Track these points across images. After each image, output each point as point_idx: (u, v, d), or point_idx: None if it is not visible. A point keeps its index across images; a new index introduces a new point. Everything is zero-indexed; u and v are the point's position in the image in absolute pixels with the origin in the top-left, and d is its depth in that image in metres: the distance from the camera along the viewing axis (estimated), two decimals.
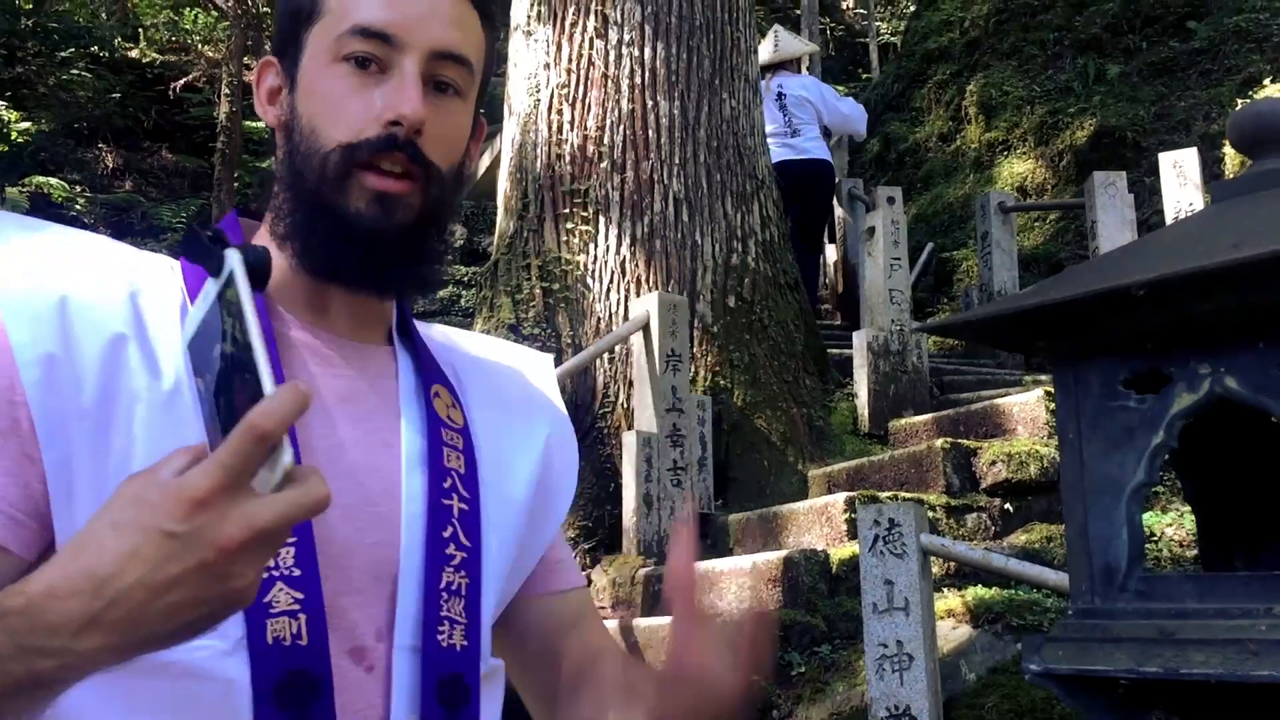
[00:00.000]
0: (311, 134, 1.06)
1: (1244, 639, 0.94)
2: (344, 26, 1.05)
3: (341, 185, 1.04)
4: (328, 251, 1.06)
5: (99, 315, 0.97)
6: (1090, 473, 1.09)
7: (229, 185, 9.36)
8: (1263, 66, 9.73)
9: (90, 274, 1.00)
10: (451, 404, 1.15)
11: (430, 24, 1.06)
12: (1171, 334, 1.04)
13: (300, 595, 0.97)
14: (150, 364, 0.98)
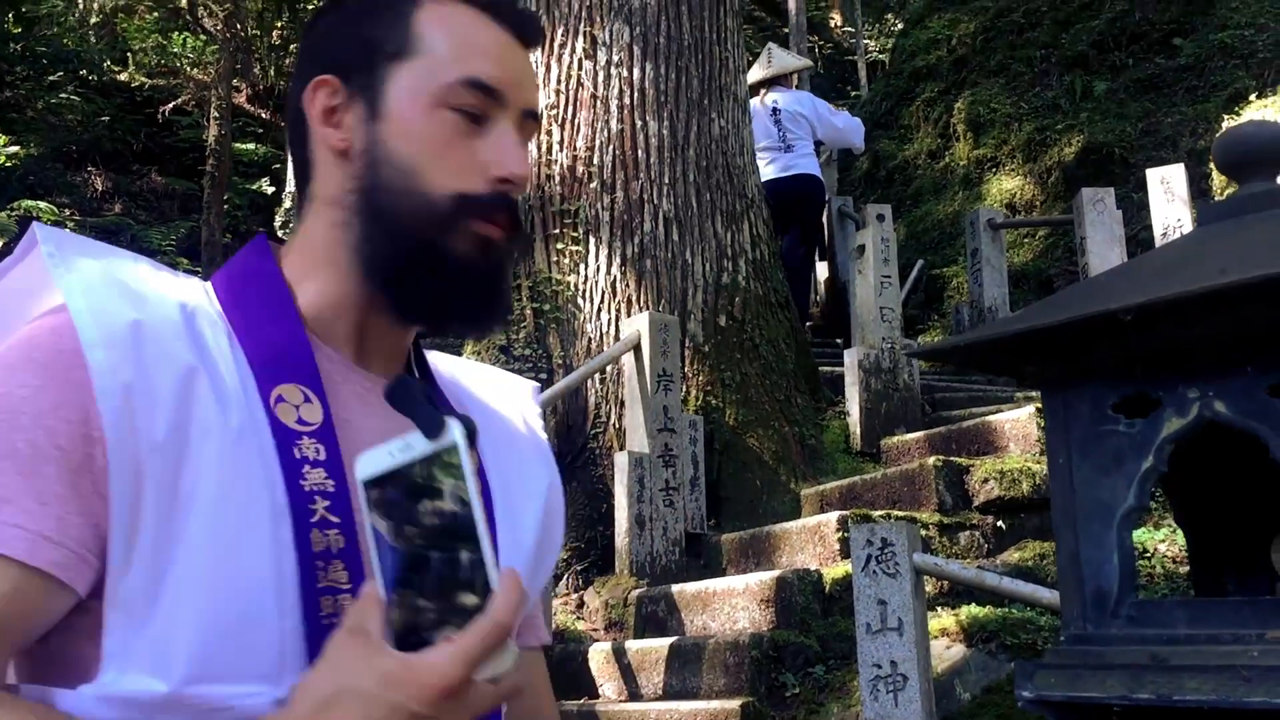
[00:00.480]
0: (413, 175, 1.06)
1: (1237, 665, 0.93)
2: (454, 75, 1.07)
3: (452, 230, 1.06)
4: (430, 291, 1.06)
5: (170, 343, 0.96)
6: (1080, 497, 1.08)
7: (218, 208, 9.35)
8: (1248, 82, 9.79)
9: (155, 299, 0.98)
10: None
11: (525, 85, 1.11)
12: (1160, 358, 1.04)
13: None
14: (220, 397, 0.96)
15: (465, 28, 1.10)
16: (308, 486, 0.96)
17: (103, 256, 1.00)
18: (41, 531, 0.88)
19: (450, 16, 1.10)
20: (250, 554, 0.93)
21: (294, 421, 0.98)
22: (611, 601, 5.13)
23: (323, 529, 0.96)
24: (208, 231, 9.20)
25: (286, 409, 0.99)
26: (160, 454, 0.91)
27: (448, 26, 1.10)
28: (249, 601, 0.93)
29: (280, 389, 0.99)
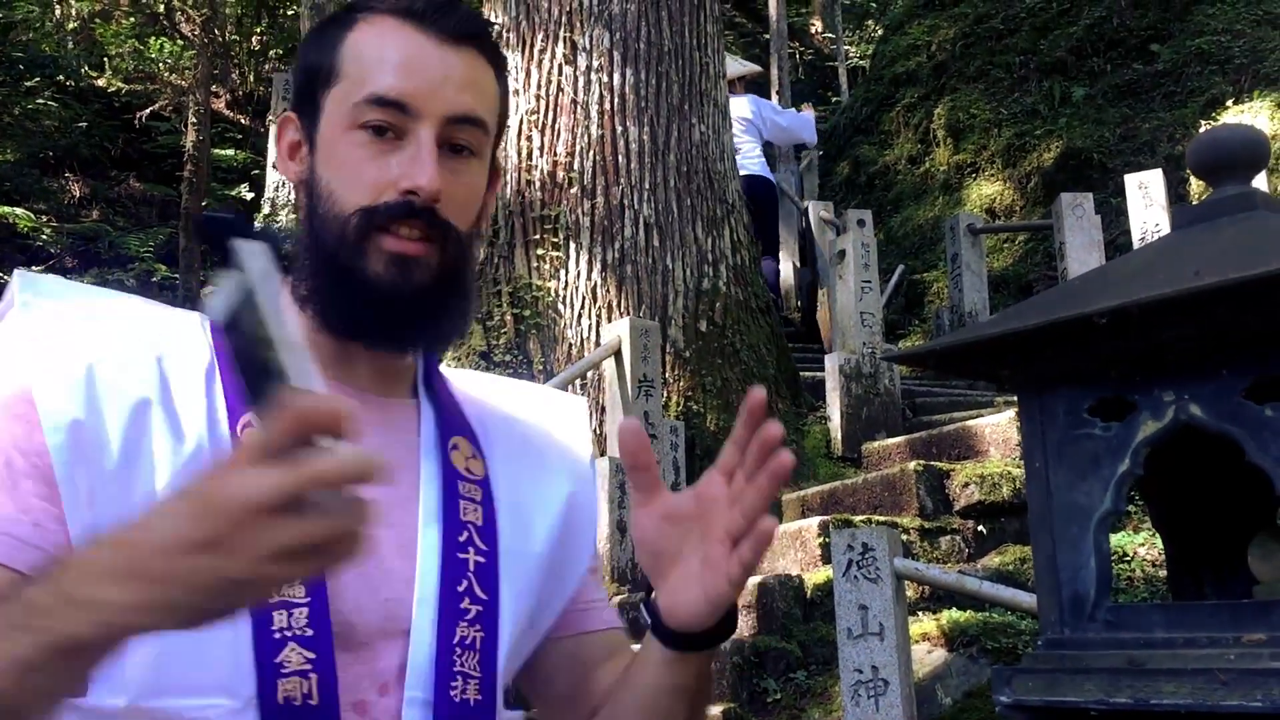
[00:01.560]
0: (330, 198, 1.08)
1: (1213, 669, 0.93)
2: (361, 95, 1.07)
3: (360, 248, 1.06)
4: (348, 313, 1.08)
5: (124, 380, 1.00)
6: (1057, 502, 1.08)
7: (197, 214, 9.31)
8: (1225, 88, 9.86)
9: (118, 340, 1.02)
10: (471, 455, 1.15)
11: (445, 90, 1.08)
12: (1135, 362, 1.04)
13: (312, 655, 0.98)
14: (173, 426, 1.00)
15: (377, 43, 1.09)
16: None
17: (75, 298, 1.04)
18: (18, 536, 0.94)
19: (371, 34, 1.10)
20: None
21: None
22: None
23: None
24: (185, 238, 9.15)
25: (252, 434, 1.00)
26: (114, 481, 0.97)
27: (366, 44, 1.10)
28: None
29: (249, 415, 1.02)
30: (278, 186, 10.20)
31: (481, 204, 1.16)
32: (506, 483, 1.16)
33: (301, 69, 1.14)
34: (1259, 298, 0.93)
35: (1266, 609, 0.95)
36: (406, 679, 1.03)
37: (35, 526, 0.95)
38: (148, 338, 1.04)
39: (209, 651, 0.95)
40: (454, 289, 1.11)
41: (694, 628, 1.05)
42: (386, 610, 1.04)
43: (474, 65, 1.12)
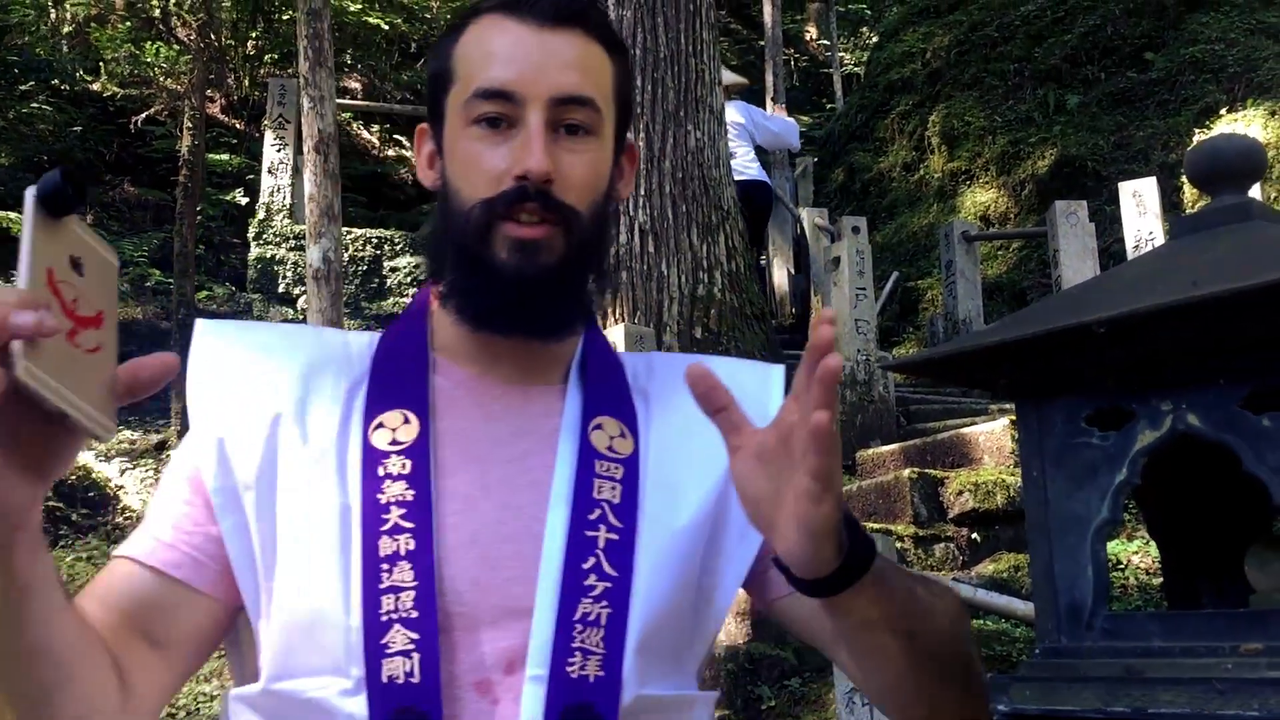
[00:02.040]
0: (456, 196, 1.14)
1: (1211, 678, 0.93)
2: (469, 91, 1.12)
3: (485, 237, 1.11)
4: (479, 302, 1.14)
5: (266, 399, 1.12)
6: (1054, 511, 1.08)
7: (191, 219, 9.29)
8: (1219, 97, 9.90)
9: (270, 365, 1.15)
10: (619, 434, 1.17)
11: (547, 74, 1.11)
12: (1133, 371, 1.04)
13: (415, 636, 1.04)
14: (303, 436, 1.11)
15: (481, 40, 1.14)
16: (384, 499, 1.08)
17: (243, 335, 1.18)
18: (159, 538, 1.10)
19: (476, 33, 1.15)
20: (319, 562, 1.07)
21: (386, 443, 1.10)
22: None
23: (393, 534, 1.06)
24: (180, 243, 9.13)
25: (382, 433, 1.11)
26: (251, 491, 1.09)
27: (470, 44, 1.15)
28: (318, 603, 1.05)
29: (382, 416, 1.12)
30: (272, 191, 10.19)
31: (609, 183, 1.18)
32: (661, 457, 1.18)
33: (427, 80, 1.21)
34: (1256, 308, 0.93)
35: (1263, 618, 0.95)
36: (529, 656, 1.06)
37: (189, 534, 1.10)
38: (301, 359, 1.15)
39: (324, 636, 1.04)
40: (581, 271, 1.15)
41: (821, 569, 0.97)
42: (507, 589, 1.08)
43: (579, 46, 1.15)
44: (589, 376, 1.21)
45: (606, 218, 1.19)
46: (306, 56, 5.00)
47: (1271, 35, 10.26)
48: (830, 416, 0.88)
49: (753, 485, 0.97)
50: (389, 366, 1.16)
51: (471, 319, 1.15)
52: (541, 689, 1.05)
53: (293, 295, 10.02)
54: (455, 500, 1.11)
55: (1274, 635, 0.93)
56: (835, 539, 0.96)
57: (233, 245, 11.67)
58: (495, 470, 1.14)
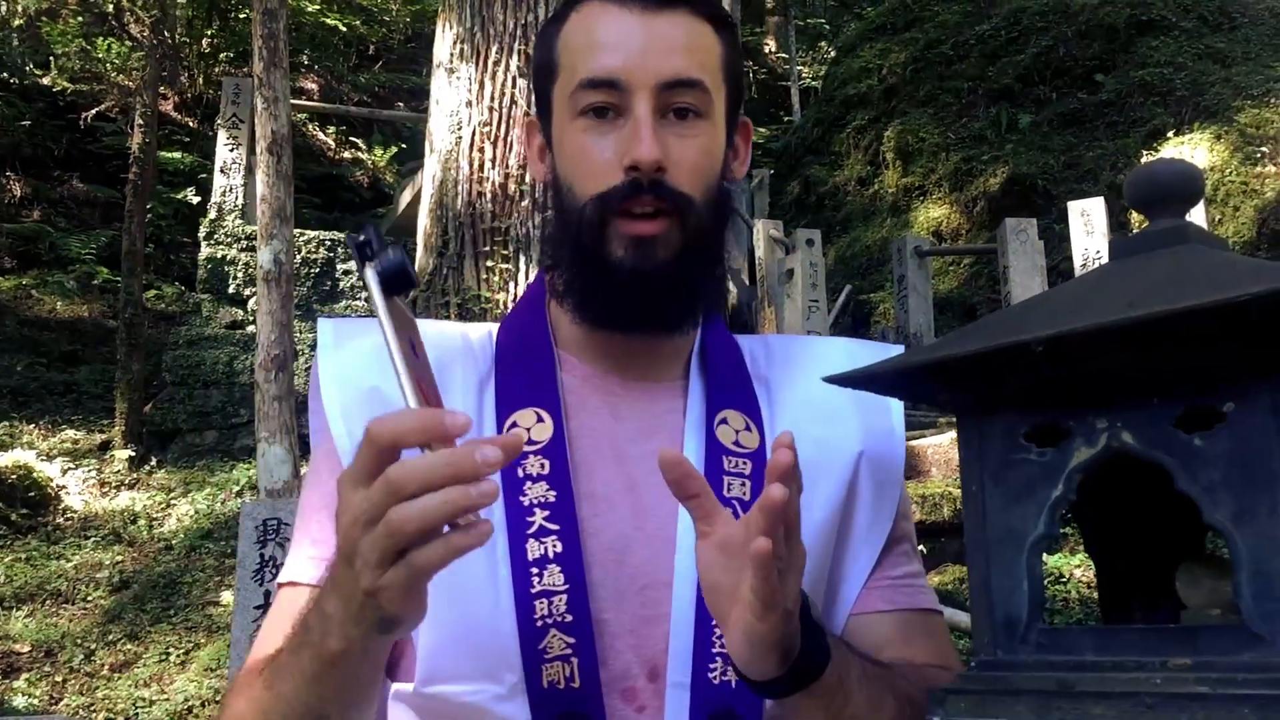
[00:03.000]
0: (569, 191, 1.11)
1: (1140, 692, 0.95)
2: (575, 82, 1.09)
3: (600, 235, 1.08)
4: (598, 300, 1.11)
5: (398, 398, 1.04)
6: (992, 525, 1.10)
7: (141, 216, 9.17)
8: (1166, 120, 10.09)
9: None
10: (744, 427, 1.15)
11: (652, 59, 1.08)
12: (1070, 389, 1.06)
13: (572, 640, 1.02)
14: None
15: (584, 29, 1.11)
16: (527, 501, 1.05)
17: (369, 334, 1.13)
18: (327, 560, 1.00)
19: (579, 22, 1.12)
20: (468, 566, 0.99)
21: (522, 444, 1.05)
22: None
23: (540, 538, 1.04)
24: (129, 240, 9.01)
25: (517, 432, 1.08)
26: None
27: (574, 34, 1.12)
28: (468, 609, 1.02)
29: (516, 415, 1.09)
30: (224, 191, 10.08)
31: (723, 164, 1.15)
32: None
33: (533, 73, 1.19)
34: (1189, 330, 0.95)
35: (1192, 634, 0.97)
36: (669, 663, 1.05)
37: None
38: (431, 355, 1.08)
39: (476, 641, 1.02)
40: (701, 261, 1.12)
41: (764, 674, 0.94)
42: (646, 596, 1.06)
43: (684, 26, 1.11)
44: (710, 368, 1.18)
45: (722, 201, 1.15)
46: (261, 56, 4.96)
47: (1219, 60, 10.47)
48: (768, 546, 0.85)
49: (710, 574, 0.95)
50: (516, 363, 1.13)
51: (591, 318, 1.12)
52: (685, 696, 1.04)
53: (243, 296, 9.92)
54: (592, 502, 1.09)
55: (1202, 650, 0.95)
56: (779, 650, 0.93)
57: (183, 244, 11.55)
58: (628, 471, 1.11)
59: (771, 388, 1.20)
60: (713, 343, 1.21)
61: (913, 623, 1.20)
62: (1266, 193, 9.07)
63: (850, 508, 1.17)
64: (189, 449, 9.21)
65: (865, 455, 1.19)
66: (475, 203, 6.55)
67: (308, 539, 1.10)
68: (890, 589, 1.20)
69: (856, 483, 1.18)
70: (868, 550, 1.18)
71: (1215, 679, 0.91)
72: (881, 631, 1.17)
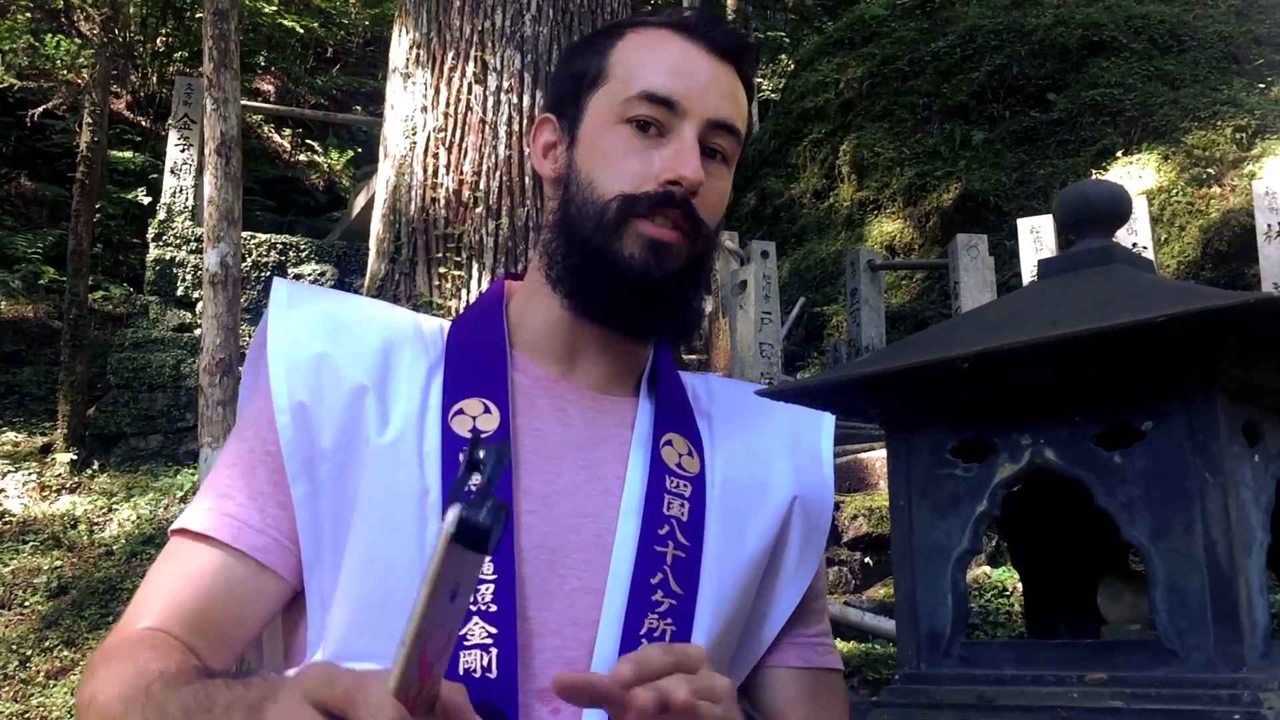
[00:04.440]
0: (590, 186, 1.13)
1: (1057, 706, 0.96)
2: (632, 91, 1.13)
3: (617, 232, 1.11)
4: (601, 294, 1.13)
5: (348, 369, 1.10)
6: (918, 539, 1.11)
7: (88, 216, 9.04)
8: (1116, 139, 10.25)
9: (350, 334, 1.12)
10: (687, 452, 1.18)
11: (710, 95, 1.15)
12: (996, 405, 1.07)
13: (494, 630, 1.01)
14: (382, 414, 1.08)
15: (650, 48, 1.16)
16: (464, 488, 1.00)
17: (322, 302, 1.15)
18: (246, 520, 1.07)
19: (643, 41, 1.17)
20: (395, 544, 1.04)
21: (466, 431, 1.08)
22: None
23: None
24: (75, 240, 8.88)
25: (463, 420, 1.09)
26: (328, 461, 1.07)
27: (635, 50, 1.17)
28: (392, 587, 1.02)
29: (462, 403, 1.10)
30: (174, 192, 9.97)
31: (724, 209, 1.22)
32: (725, 483, 1.19)
33: (566, 75, 1.21)
34: (1110, 348, 0.96)
35: (1109, 649, 0.98)
36: (592, 669, 1.04)
37: (261, 513, 1.08)
38: (380, 333, 1.13)
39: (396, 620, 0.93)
40: (698, 283, 1.17)
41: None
42: (574, 600, 1.07)
43: (733, 80, 1.19)
44: (659, 391, 1.22)
45: (716, 243, 1.23)
46: (211, 57, 4.91)
47: (1168, 82, 10.65)
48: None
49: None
50: (467, 354, 1.15)
51: (588, 310, 1.15)
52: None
53: (191, 299, 9.81)
54: (530, 499, 1.10)
55: (1119, 665, 0.96)
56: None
57: (132, 245, 11.40)
58: (570, 474, 1.13)
59: (713, 423, 1.24)
60: (663, 367, 1.25)
61: (822, 683, 1.25)
62: (1212, 213, 9.23)
63: (780, 549, 1.21)
64: (132, 453, 9.07)
65: (799, 500, 1.24)
66: (429, 209, 6.52)
67: (214, 491, 1.10)
68: (806, 648, 1.25)
69: (789, 526, 1.22)
70: (791, 593, 1.22)
71: (1130, 694, 0.92)
72: (794, 688, 1.23)
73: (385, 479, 1.06)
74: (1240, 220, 8.74)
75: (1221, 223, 9.09)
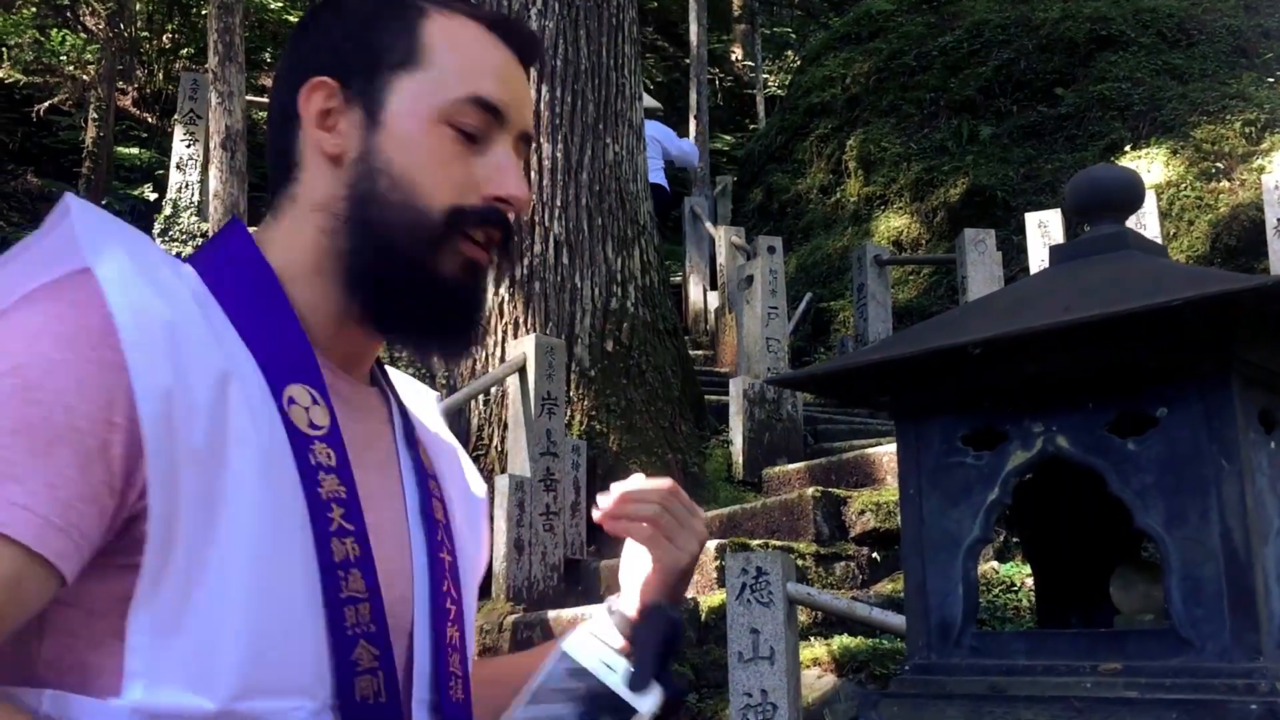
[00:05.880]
0: (409, 187, 1.03)
1: (1070, 696, 0.95)
2: (461, 92, 1.05)
3: (436, 246, 1.03)
4: (410, 312, 1.04)
5: (201, 346, 0.91)
6: (929, 528, 1.09)
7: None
8: (1124, 133, 10.19)
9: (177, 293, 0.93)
10: (424, 452, 1.14)
11: (525, 107, 1.10)
12: (1007, 392, 1.06)
13: (377, 652, 0.96)
14: (251, 404, 0.92)
15: (474, 45, 1.09)
16: (324, 494, 0.94)
17: (127, 239, 0.94)
18: (49, 517, 0.82)
19: (459, 32, 1.09)
20: (288, 566, 0.91)
21: (306, 425, 0.96)
22: (486, 626, 5.07)
23: (340, 537, 0.94)
24: None
25: (298, 411, 0.96)
26: (197, 462, 0.88)
27: (457, 41, 1.08)
28: (289, 613, 0.91)
29: (290, 389, 0.96)
30: (180, 188, 9.97)
31: None
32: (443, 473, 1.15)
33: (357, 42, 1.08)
34: (1123, 334, 0.95)
35: (1123, 639, 0.97)
36: (414, 680, 1.01)
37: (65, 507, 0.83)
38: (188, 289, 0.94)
39: (296, 652, 0.91)
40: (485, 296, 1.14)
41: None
42: (396, 609, 1.00)
43: (529, 86, 1.15)
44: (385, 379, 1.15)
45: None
46: (216, 51, 4.91)
47: (1176, 76, 10.60)
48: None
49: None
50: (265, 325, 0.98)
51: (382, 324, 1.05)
52: (426, 713, 1.01)
53: None
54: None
55: (1132, 655, 0.95)
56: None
57: None
58: (369, 478, 1.03)
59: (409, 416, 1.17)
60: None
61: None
62: (1220, 208, 9.20)
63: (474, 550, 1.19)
64: None
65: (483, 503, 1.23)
66: None
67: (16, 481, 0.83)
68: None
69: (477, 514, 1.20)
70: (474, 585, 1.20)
71: (1144, 683, 0.91)
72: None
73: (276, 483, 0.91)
74: (1249, 215, 8.70)
75: (1230, 217, 9.06)
